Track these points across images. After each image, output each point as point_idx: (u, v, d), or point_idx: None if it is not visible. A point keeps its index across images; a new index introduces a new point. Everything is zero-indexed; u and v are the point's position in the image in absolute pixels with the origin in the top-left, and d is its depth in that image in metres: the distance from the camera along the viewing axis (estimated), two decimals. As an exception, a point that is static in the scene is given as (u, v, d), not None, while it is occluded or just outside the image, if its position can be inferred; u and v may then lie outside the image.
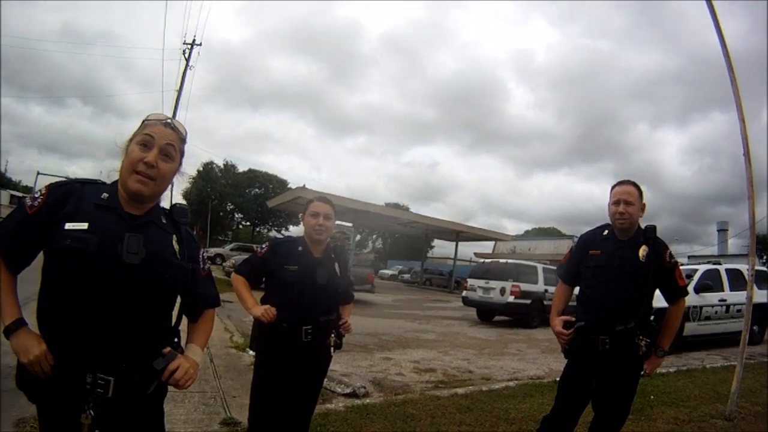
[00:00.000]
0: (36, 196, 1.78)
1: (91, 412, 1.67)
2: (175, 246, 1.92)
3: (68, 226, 1.70)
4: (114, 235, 1.74)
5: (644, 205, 3.27)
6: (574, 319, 3.26)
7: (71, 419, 1.67)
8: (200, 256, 2.07)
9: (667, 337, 3.27)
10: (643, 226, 3.29)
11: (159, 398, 1.90)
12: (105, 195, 1.81)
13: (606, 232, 3.33)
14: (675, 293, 3.30)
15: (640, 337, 3.08)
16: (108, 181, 1.90)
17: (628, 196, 3.18)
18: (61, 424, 1.72)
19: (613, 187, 3.29)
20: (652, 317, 3.24)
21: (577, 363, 3.31)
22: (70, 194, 1.77)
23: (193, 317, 2.08)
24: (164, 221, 1.93)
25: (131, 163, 1.79)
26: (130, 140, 1.84)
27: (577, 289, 3.47)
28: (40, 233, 1.72)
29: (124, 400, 1.73)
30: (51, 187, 1.80)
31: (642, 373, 3.23)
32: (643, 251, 3.13)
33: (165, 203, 1.99)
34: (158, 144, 1.81)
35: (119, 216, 1.80)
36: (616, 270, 3.15)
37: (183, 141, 1.95)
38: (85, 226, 1.71)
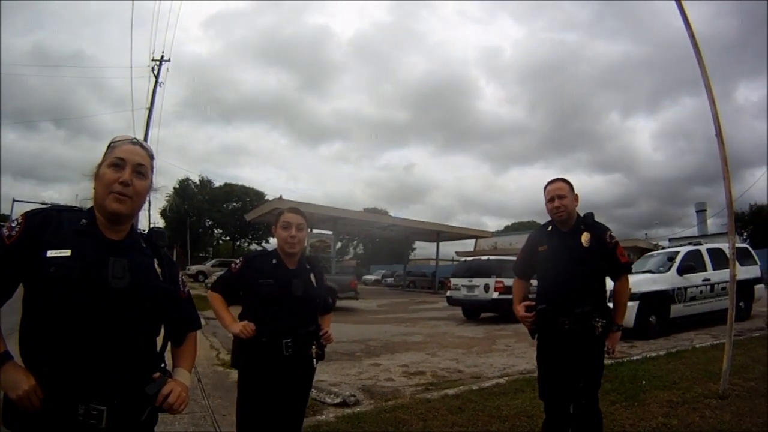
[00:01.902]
0: (12, 225, 1.72)
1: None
2: (157, 269, 1.90)
3: (50, 253, 1.66)
4: (98, 260, 1.72)
5: (576, 196, 3.56)
6: (534, 303, 3.58)
7: None
8: (180, 279, 2.07)
9: (619, 312, 3.54)
10: (582, 214, 3.60)
11: (151, 426, 1.86)
12: (84, 221, 1.79)
13: (550, 227, 3.65)
14: (618, 270, 3.54)
15: (597, 319, 3.35)
16: (81, 206, 1.87)
17: (559, 191, 3.49)
18: None
19: (545, 187, 3.59)
20: (608, 300, 3.56)
21: (544, 340, 3.59)
22: (47, 221, 1.74)
23: (178, 341, 2.06)
24: (143, 245, 1.91)
25: (107, 185, 1.77)
26: (100, 164, 1.82)
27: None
28: (20, 263, 1.66)
29: (117, 429, 1.69)
30: (27, 216, 1.76)
31: (606, 350, 3.46)
32: (585, 237, 3.43)
33: (143, 225, 1.97)
34: (130, 163, 1.80)
35: (100, 241, 1.77)
36: (564, 258, 3.44)
37: (152, 158, 1.94)
38: (67, 252, 1.68)
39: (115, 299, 1.71)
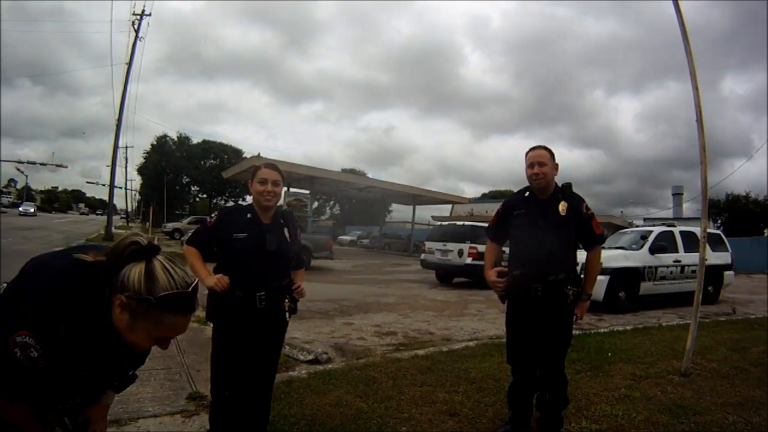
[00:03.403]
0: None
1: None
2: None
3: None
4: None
5: (557, 165, 3.58)
6: (506, 269, 3.62)
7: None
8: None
9: (589, 283, 3.64)
10: (560, 184, 3.61)
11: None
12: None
13: (527, 193, 3.66)
14: (592, 240, 3.63)
15: (569, 287, 3.44)
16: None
17: (540, 158, 3.51)
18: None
19: (526, 154, 3.61)
20: (578, 269, 3.62)
21: (515, 306, 3.67)
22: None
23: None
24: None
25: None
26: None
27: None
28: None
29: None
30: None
31: (575, 318, 3.58)
32: (562, 206, 3.47)
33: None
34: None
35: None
36: (541, 225, 3.47)
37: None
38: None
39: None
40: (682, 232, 12.39)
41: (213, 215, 3.23)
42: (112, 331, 1.50)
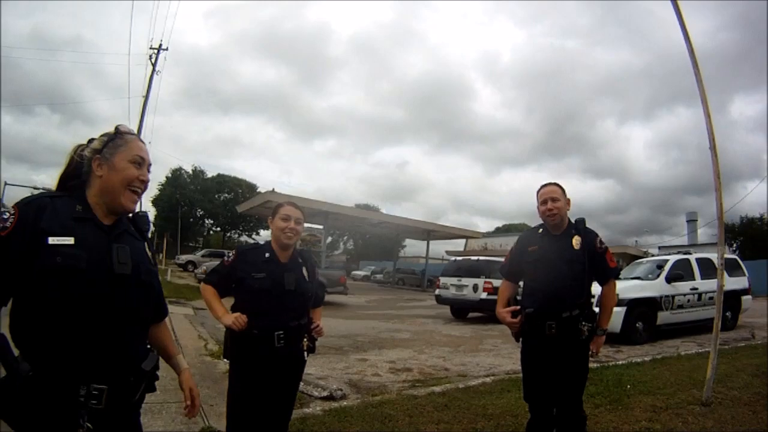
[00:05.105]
0: (5, 217, 1.69)
1: (88, 425, 1.65)
2: (149, 253, 1.96)
3: (52, 240, 1.66)
4: (100, 247, 1.75)
5: (569, 200, 3.57)
6: (519, 307, 3.53)
7: None
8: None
9: (604, 317, 3.59)
10: (573, 220, 3.61)
11: (139, 406, 1.90)
12: (79, 207, 1.79)
13: (541, 230, 3.64)
14: (606, 274, 3.59)
15: (583, 323, 3.39)
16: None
17: (552, 194, 3.50)
18: None
19: (538, 191, 3.60)
20: (593, 304, 3.57)
21: (529, 344, 3.59)
22: (42, 209, 1.72)
23: (157, 322, 2.11)
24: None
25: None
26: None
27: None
28: (20, 254, 1.64)
29: (114, 409, 1.73)
30: (19, 206, 1.73)
31: (590, 353, 3.52)
32: (576, 240, 3.46)
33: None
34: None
35: (97, 227, 1.80)
36: (554, 260, 3.44)
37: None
38: (71, 240, 1.69)
39: (119, 284, 1.76)
40: (698, 260, 12.24)
41: (230, 254, 3.20)
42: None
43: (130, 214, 1.97)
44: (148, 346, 1.94)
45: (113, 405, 1.72)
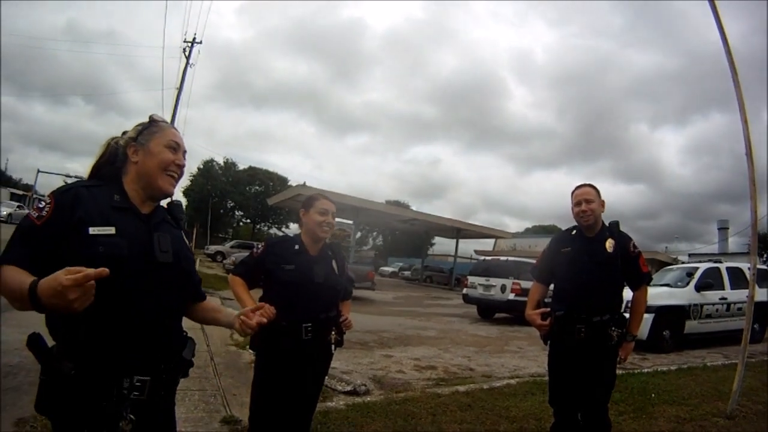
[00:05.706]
0: (41, 206, 1.66)
1: (131, 416, 1.63)
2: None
3: (93, 230, 1.63)
4: (141, 236, 1.74)
5: (603, 202, 3.54)
6: (549, 310, 3.49)
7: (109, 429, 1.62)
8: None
9: (635, 323, 3.53)
10: (607, 223, 3.57)
11: (173, 394, 1.90)
12: (117, 197, 1.78)
13: (574, 231, 3.62)
14: (639, 279, 3.56)
15: (613, 328, 3.35)
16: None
17: (587, 195, 3.47)
18: None
19: (573, 192, 3.57)
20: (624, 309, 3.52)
21: (558, 347, 3.57)
22: (78, 198, 1.68)
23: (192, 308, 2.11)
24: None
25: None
26: (147, 141, 1.86)
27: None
28: (55, 244, 1.59)
29: (156, 399, 1.73)
30: (56, 194, 1.68)
31: (618, 359, 3.47)
32: (609, 243, 3.42)
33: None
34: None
35: (136, 216, 1.79)
36: (587, 262, 3.41)
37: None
38: (111, 230, 1.66)
39: (162, 273, 1.76)
40: (728, 269, 12.00)
41: (259, 245, 3.20)
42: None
43: (166, 204, 1.97)
44: (185, 333, 1.92)
45: (155, 395, 1.72)
